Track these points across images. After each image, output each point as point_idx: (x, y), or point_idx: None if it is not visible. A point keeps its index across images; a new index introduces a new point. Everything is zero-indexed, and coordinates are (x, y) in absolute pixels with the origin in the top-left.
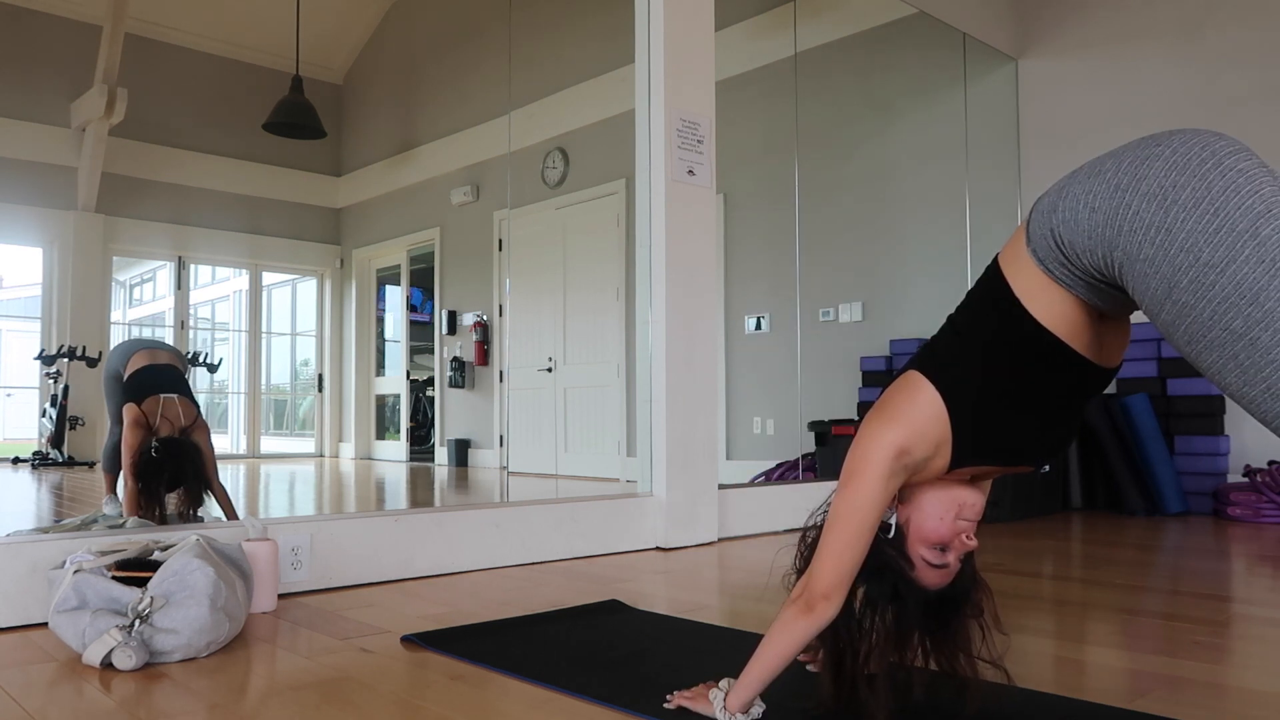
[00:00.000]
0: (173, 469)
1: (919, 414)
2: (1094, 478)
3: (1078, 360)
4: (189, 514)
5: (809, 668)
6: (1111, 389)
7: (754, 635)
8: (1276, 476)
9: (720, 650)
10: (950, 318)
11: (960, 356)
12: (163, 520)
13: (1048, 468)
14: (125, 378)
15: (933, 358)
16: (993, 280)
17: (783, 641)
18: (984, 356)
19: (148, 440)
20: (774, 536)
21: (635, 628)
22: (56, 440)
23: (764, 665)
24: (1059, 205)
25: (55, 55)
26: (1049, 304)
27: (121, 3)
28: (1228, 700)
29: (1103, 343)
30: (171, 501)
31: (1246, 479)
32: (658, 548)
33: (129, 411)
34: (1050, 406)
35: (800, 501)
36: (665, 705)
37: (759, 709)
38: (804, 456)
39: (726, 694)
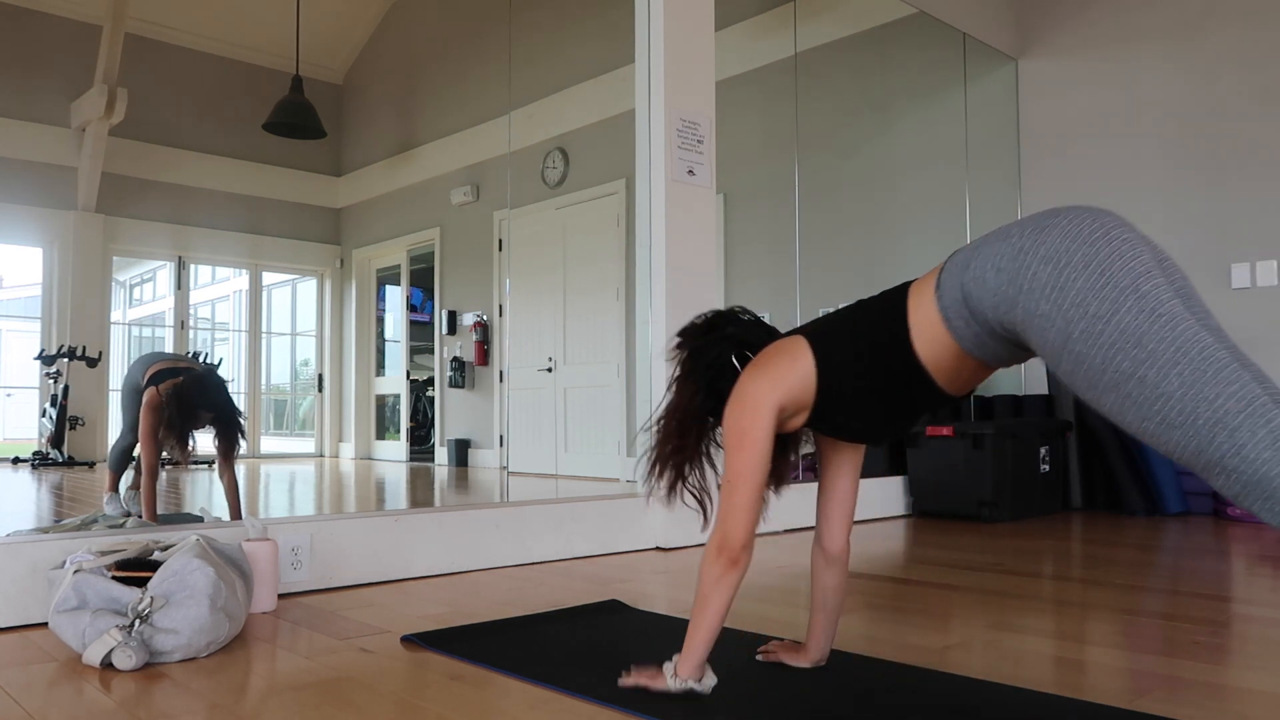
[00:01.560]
0: (199, 395)
1: (796, 378)
2: (1094, 478)
3: (935, 389)
4: (229, 450)
5: (756, 657)
6: None
7: (754, 635)
8: None
9: (719, 650)
10: (854, 312)
11: (845, 350)
12: (185, 454)
13: (1047, 467)
14: (145, 382)
15: (824, 339)
16: (896, 304)
17: (717, 597)
18: (862, 360)
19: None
20: (774, 536)
21: (635, 628)
22: (56, 440)
23: (706, 625)
24: (971, 263)
25: (55, 55)
26: (931, 342)
27: (121, 3)
28: (1228, 700)
29: (960, 379)
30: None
31: None
32: (657, 548)
33: (149, 394)
34: (899, 411)
35: (800, 501)
36: (620, 683)
37: (711, 680)
38: (803, 456)
39: (676, 664)
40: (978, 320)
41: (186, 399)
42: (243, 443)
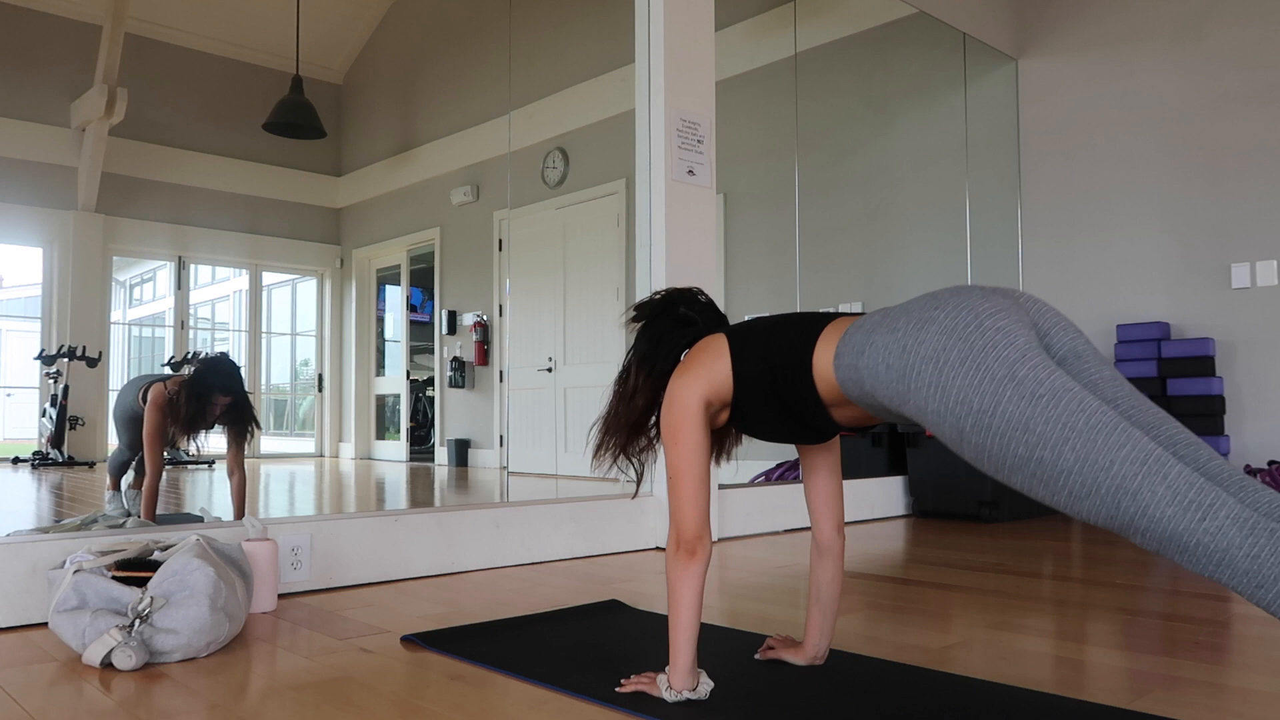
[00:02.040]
0: (215, 377)
1: (717, 376)
2: None
3: (829, 419)
4: (242, 440)
5: (756, 656)
6: None
7: (753, 635)
8: (1277, 477)
9: (719, 650)
10: (779, 326)
11: (757, 364)
12: (194, 434)
13: None
14: (141, 394)
15: (744, 347)
16: (807, 342)
17: (686, 592)
18: (769, 382)
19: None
20: (774, 536)
21: (635, 628)
22: (56, 440)
23: (683, 624)
24: (865, 350)
25: (55, 55)
26: (829, 386)
27: (121, 3)
28: (1228, 700)
29: (858, 422)
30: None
31: None
32: (658, 548)
33: (155, 391)
34: (796, 427)
35: (800, 501)
36: (618, 689)
37: (707, 685)
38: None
39: (669, 676)
40: (873, 399)
41: (201, 384)
42: (256, 432)
